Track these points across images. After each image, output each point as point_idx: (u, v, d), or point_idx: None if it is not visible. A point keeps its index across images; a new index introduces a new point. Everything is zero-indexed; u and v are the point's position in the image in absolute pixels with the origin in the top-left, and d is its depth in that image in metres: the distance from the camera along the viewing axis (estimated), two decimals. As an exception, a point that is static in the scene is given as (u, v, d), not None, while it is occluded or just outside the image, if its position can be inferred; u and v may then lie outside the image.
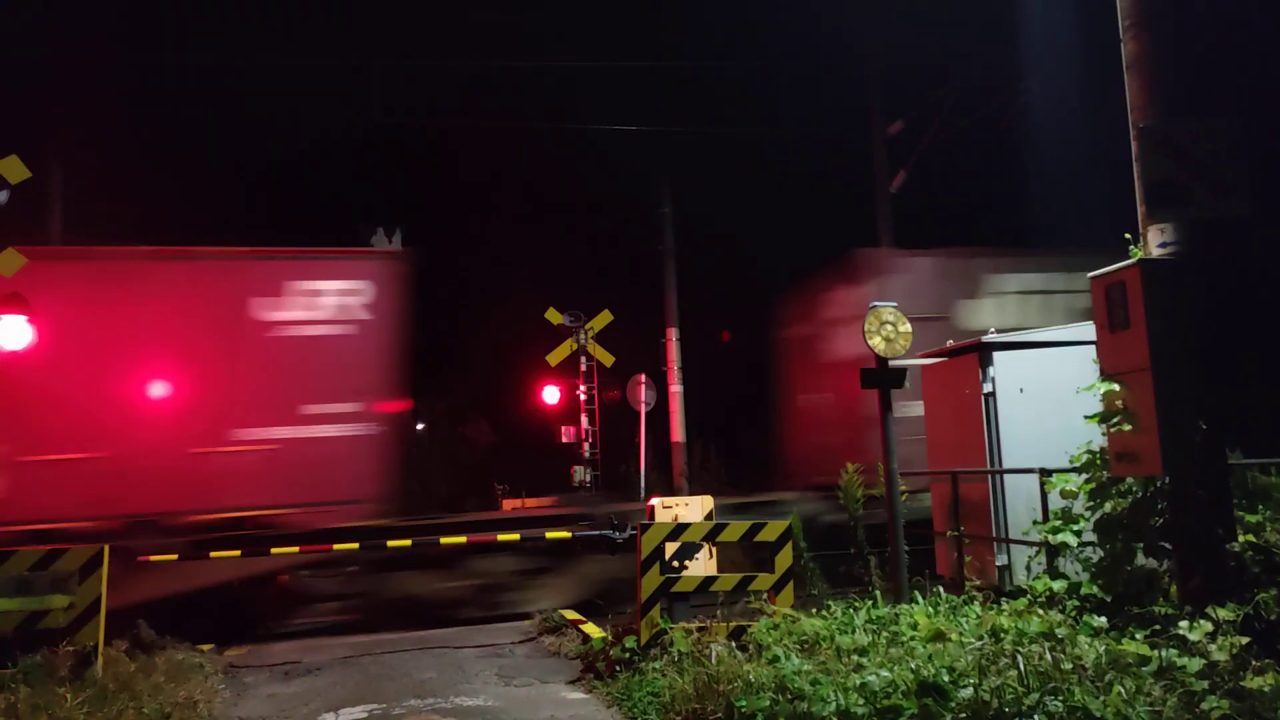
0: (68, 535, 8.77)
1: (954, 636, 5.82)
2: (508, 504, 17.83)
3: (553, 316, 18.40)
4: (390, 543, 9.14)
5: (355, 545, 9.15)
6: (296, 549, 8.93)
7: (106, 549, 6.85)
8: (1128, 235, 6.49)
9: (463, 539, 9.55)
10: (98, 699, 5.88)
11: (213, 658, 8.00)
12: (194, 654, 7.82)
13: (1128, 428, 6.07)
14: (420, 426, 24.32)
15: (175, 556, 8.57)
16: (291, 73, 18.72)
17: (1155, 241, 6.14)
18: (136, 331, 10.07)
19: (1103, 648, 5.28)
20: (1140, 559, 6.50)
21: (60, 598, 6.64)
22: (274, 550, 8.87)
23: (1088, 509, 6.86)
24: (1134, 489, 6.50)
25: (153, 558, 8.40)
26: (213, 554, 8.60)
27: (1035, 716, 4.38)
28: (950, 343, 9.06)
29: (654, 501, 8.34)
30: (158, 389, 9.99)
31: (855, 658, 5.72)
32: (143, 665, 6.95)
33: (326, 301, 10.68)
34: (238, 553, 8.71)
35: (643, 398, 18.14)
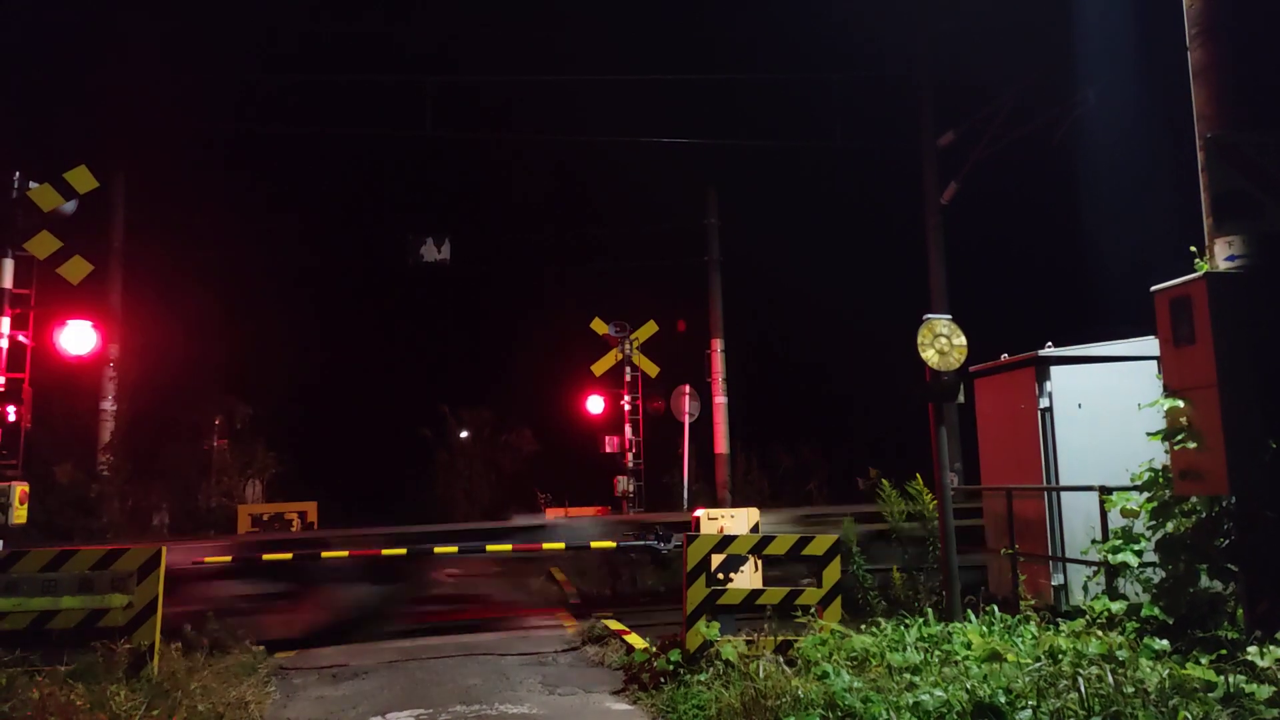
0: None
1: (1010, 657, 5.68)
2: (550, 513, 17.89)
3: (598, 327, 18.47)
4: (437, 549, 9.22)
5: (403, 550, 9.23)
6: (346, 553, 9.03)
7: (164, 549, 6.98)
8: (1193, 248, 6.32)
9: (508, 547, 9.62)
10: (152, 697, 5.98)
11: (263, 659, 8.11)
12: (245, 655, 7.94)
13: (1192, 445, 5.89)
14: (464, 434, 24.52)
15: (229, 559, 8.72)
16: (344, 88, 19.08)
17: (1222, 255, 5.98)
18: None
19: (1166, 672, 5.12)
20: (1204, 581, 6.30)
21: (119, 597, 6.78)
22: (324, 555, 8.99)
23: (1149, 528, 6.67)
24: (1198, 508, 6.31)
25: (207, 559, 8.58)
26: (265, 556, 8.74)
27: (1097, 741, 4.26)
28: (1005, 356, 8.89)
29: (699, 513, 8.30)
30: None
31: (907, 676, 5.62)
32: (196, 665, 7.07)
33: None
34: (289, 555, 8.85)
35: (687, 408, 18.10)
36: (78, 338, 9.61)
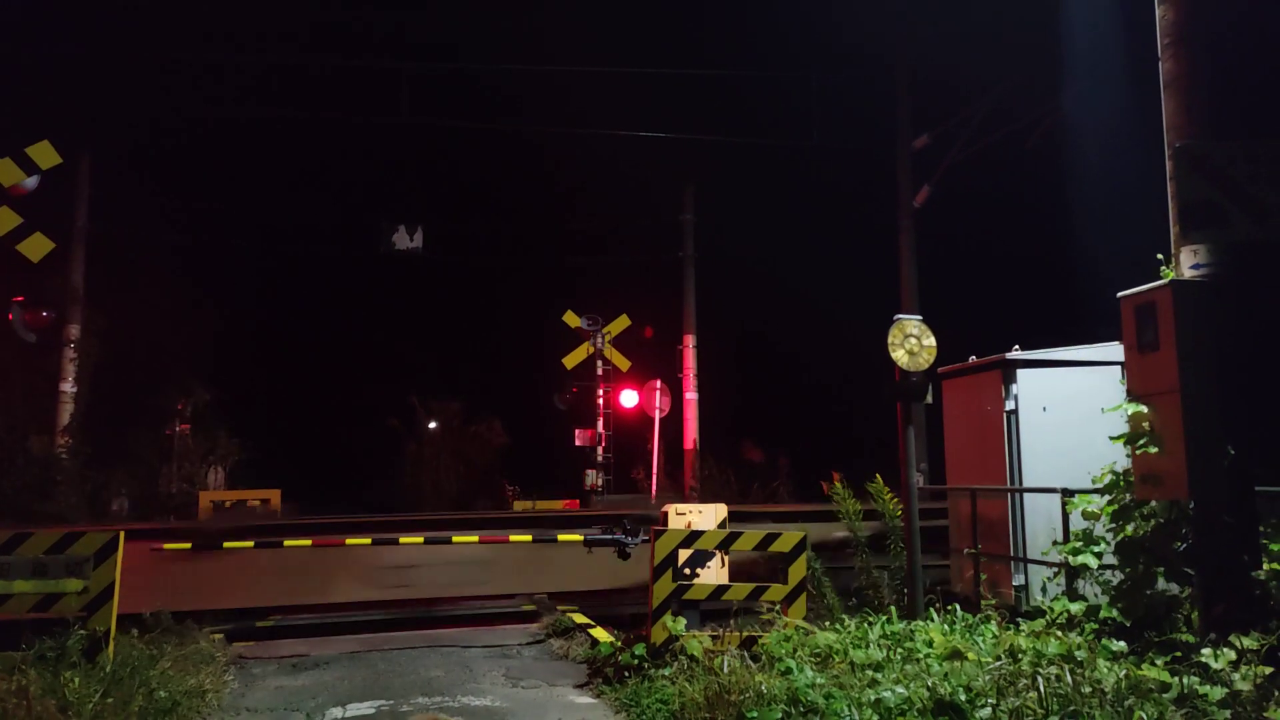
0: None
1: (971, 655, 5.74)
2: (519, 505, 17.81)
3: (570, 320, 18.43)
4: (402, 539, 9.14)
5: (368, 540, 9.14)
6: (309, 541, 8.93)
7: (122, 534, 6.85)
8: (1160, 255, 6.41)
9: (474, 537, 9.56)
10: (108, 684, 5.87)
11: (222, 648, 7.99)
12: (204, 643, 7.81)
13: (1154, 450, 5.98)
14: (433, 425, 24.34)
15: (189, 545, 8.59)
16: (319, 72, 18.85)
17: (1188, 263, 6.06)
18: None
19: (1122, 672, 5.19)
20: (1162, 584, 6.40)
21: (74, 582, 6.65)
22: (286, 543, 8.88)
23: (1109, 531, 6.77)
24: (1158, 512, 6.41)
25: (166, 545, 8.43)
26: (226, 544, 8.62)
27: (1054, 740, 4.31)
28: (973, 358, 8.98)
29: (668, 508, 8.30)
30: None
31: (870, 673, 5.65)
32: (153, 653, 6.94)
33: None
34: (251, 543, 8.73)
35: (658, 403, 18.11)
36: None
